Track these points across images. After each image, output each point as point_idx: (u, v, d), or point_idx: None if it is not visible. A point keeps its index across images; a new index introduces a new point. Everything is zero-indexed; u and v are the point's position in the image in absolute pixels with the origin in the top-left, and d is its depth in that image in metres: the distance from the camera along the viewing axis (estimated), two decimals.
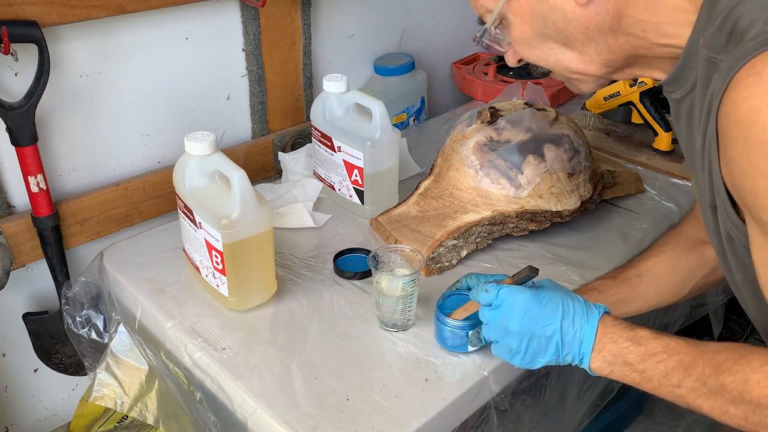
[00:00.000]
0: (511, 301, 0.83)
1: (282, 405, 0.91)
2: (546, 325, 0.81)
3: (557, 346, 0.82)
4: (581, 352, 0.81)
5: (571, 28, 0.74)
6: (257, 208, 1.00)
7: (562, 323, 0.81)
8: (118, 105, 1.28)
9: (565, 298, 0.83)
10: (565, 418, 1.26)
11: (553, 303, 0.82)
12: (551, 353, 0.82)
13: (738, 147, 0.62)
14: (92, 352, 1.23)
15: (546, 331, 0.82)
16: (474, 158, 1.22)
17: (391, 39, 1.74)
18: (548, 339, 0.82)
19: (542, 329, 0.82)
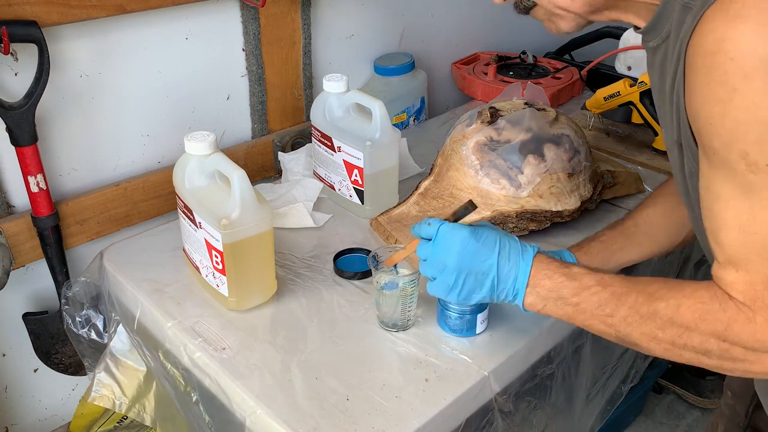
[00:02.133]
0: (450, 236, 0.85)
1: (282, 405, 0.91)
2: (483, 260, 0.83)
3: (493, 282, 0.84)
4: (515, 288, 0.83)
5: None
6: (257, 208, 1.00)
7: (499, 260, 0.83)
8: (118, 105, 1.28)
9: (501, 237, 0.85)
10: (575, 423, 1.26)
11: (490, 240, 0.84)
12: (487, 289, 0.84)
13: (700, 76, 0.64)
14: (92, 352, 1.23)
15: (483, 267, 0.83)
16: (474, 158, 1.22)
17: (391, 39, 1.74)
18: (485, 275, 0.84)
19: (479, 265, 0.83)
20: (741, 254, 0.67)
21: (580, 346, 1.16)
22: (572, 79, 1.86)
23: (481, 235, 0.85)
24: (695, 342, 0.71)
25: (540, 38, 2.12)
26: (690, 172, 0.75)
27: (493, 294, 0.85)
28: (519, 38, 2.08)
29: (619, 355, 1.32)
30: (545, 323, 1.06)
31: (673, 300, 0.72)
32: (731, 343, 0.69)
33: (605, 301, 0.77)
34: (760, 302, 0.67)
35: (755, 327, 0.67)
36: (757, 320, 0.67)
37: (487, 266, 0.83)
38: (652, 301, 0.73)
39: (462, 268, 0.84)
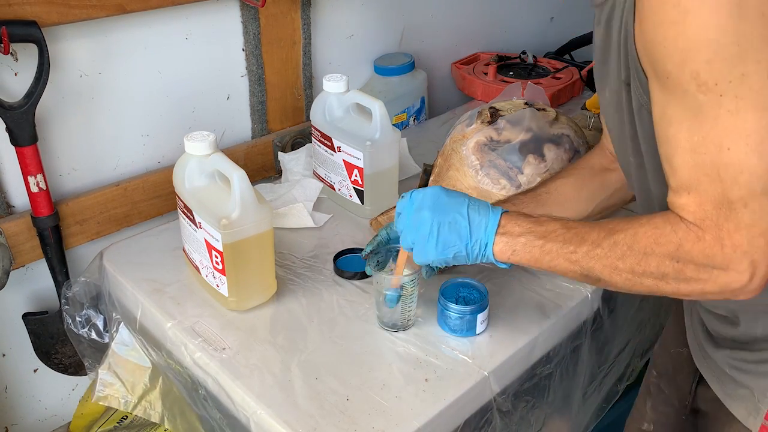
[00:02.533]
0: (422, 194, 0.89)
1: (282, 405, 0.91)
2: (455, 210, 0.86)
3: (466, 231, 0.86)
4: (486, 237, 0.85)
5: None
6: (257, 208, 1.00)
7: (469, 210, 0.86)
8: (118, 105, 1.28)
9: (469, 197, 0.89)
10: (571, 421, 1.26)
11: (459, 195, 0.89)
12: (460, 238, 0.86)
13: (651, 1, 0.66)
14: (92, 352, 1.23)
15: (456, 216, 0.86)
16: (474, 158, 1.22)
17: (391, 39, 1.74)
18: (458, 223, 0.86)
19: (452, 214, 0.86)
20: (692, 176, 0.69)
21: (578, 345, 1.16)
22: (572, 79, 1.86)
23: (451, 191, 0.89)
24: (652, 267, 0.74)
25: (540, 38, 2.13)
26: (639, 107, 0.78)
27: (468, 244, 0.86)
28: (519, 38, 2.08)
29: (617, 353, 1.32)
30: (545, 323, 1.06)
31: (631, 229, 0.75)
32: (684, 262, 0.71)
33: (569, 239, 0.80)
34: (709, 221, 0.69)
35: (704, 244, 0.70)
36: (706, 238, 0.69)
37: (460, 215, 0.86)
38: (611, 234, 0.76)
39: (435, 217, 0.87)
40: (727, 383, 0.92)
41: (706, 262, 0.70)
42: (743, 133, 0.64)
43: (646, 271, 0.74)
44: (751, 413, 0.87)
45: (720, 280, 0.71)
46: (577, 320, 1.13)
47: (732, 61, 0.63)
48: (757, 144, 0.64)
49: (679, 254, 0.72)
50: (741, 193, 0.66)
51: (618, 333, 1.28)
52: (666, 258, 0.73)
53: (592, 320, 1.16)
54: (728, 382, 0.91)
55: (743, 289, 0.70)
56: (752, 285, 0.70)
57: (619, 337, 1.29)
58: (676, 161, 0.70)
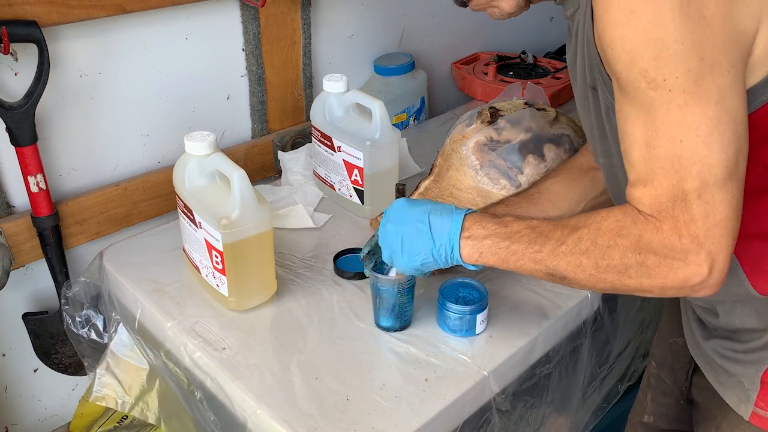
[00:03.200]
0: (389, 210, 0.93)
1: (282, 405, 0.91)
2: (416, 218, 0.89)
3: (429, 238, 0.88)
4: (450, 241, 0.86)
5: None
6: (257, 208, 1.00)
7: (430, 217, 0.88)
8: (118, 105, 1.28)
9: (433, 202, 0.92)
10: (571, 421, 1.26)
11: (423, 203, 0.91)
12: (424, 245, 0.88)
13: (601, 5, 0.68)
14: (92, 352, 1.23)
15: (417, 224, 0.89)
16: (474, 158, 1.22)
17: (391, 39, 1.74)
18: (419, 232, 0.88)
19: (413, 224, 0.89)
20: (647, 170, 0.71)
21: (578, 345, 1.16)
22: None
23: (415, 201, 0.92)
24: (616, 260, 0.74)
25: (540, 38, 2.13)
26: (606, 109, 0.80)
27: (434, 249, 0.88)
28: (519, 38, 2.08)
29: (617, 354, 1.32)
30: (544, 324, 1.06)
31: (594, 224, 0.76)
32: (645, 252, 0.73)
33: (534, 239, 0.81)
34: (665, 213, 0.70)
35: (663, 235, 0.71)
36: (663, 228, 0.71)
37: (420, 222, 0.88)
38: (575, 230, 0.78)
39: (398, 228, 0.90)
40: (719, 372, 0.93)
41: (666, 253, 0.71)
42: (693, 125, 0.66)
43: (609, 264, 0.75)
44: (742, 401, 0.89)
45: (680, 272, 0.71)
46: (576, 320, 1.13)
47: (677, 57, 0.65)
48: (707, 135, 0.66)
49: (640, 245, 0.72)
50: (695, 185, 0.68)
51: (619, 333, 1.28)
52: (628, 250, 0.73)
53: (593, 320, 1.16)
54: (720, 371, 0.93)
55: (703, 284, 0.71)
56: (712, 279, 0.71)
57: (620, 337, 1.29)
58: (633, 155, 0.72)
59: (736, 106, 0.67)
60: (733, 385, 0.90)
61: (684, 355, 1.08)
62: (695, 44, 0.65)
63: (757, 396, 0.86)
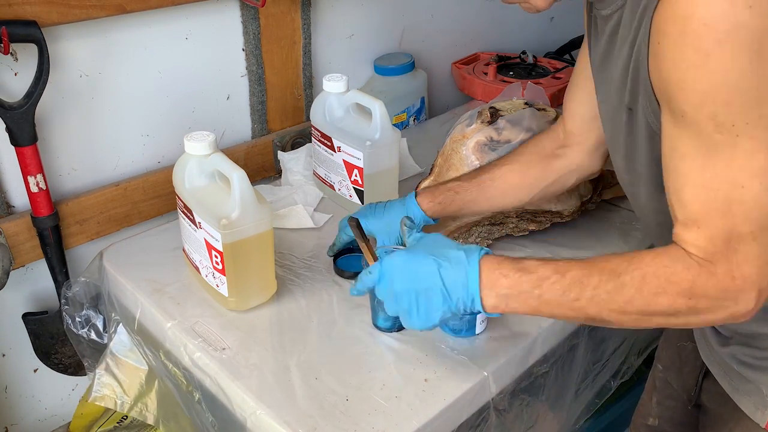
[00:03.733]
0: (389, 268, 0.85)
1: (282, 405, 0.91)
2: (425, 276, 0.82)
3: (444, 295, 0.81)
4: (469, 294, 0.81)
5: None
6: (257, 208, 1.00)
7: (440, 271, 0.81)
8: (117, 105, 1.28)
9: (438, 249, 0.84)
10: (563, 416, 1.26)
11: (427, 256, 0.83)
12: (441, 303, 0.82)
13: (670, 41, 0.66)
14: (92, 352, 1.23)
15: (427, 281, 0.82)
16: (474, 158, 1.22)
17: (391, 39, 1.74)
18: (432, 290, 0.82)
19: (424, 282, 0.82)
20: (703, 211, 0.69)
21: (575, 344, 1.16)
22: None
23: (417, 254, 0.85)
24: (664, 306, 0.73)
25: (540, 38, 2.12)
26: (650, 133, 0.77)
27: (451, 305, 0.82)
28: (519, 38, 2.08)
29: (612, 351, 1.32)
30: (544, 324, 1.06)
31: (637, 271, 0.73)
32: (697, 297, 0.71)
33: (568, 286, 0.76)
34: (719, 255, 0.69)
35: (717, 279, 0.70)
36: (718, 272, 0.70)
37: (432, 281, 0.82)
38: (616, 277, 0.74)
39: (409, 290, 0.83)
40: (734, 378, 0.92)
41: (719, 295, 0.71)
42: (758, 172, 0.66)
43: (657, 310, 0.74)
44: (758, 408, 0.88)
45: (730, 310, 0.72)
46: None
47: (750, 103, 0.64)
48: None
49: (693, 291, 0.71)
50: (751, 228, 0.67)
51: (614, 332, 1.28)
52: (679, 296, 0.72)
53: None
54: (736, 377, 0.92)
55: (747, 314, 0.72)
56: (754, 310, 0.72)
57: (616, 335, 1.29)
58: (686, 195, 0.70)
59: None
60: (749, 391, 0.89)
61: (694, 360, 1.07)
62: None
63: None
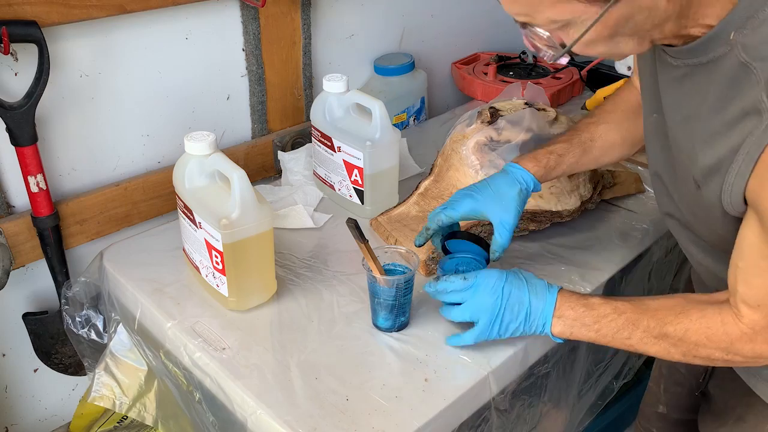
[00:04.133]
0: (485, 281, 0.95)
1: (282, 405, 0.91)
2: (517, 298, 0.94)
3: (527, 314, 0.94)
4: (544, 318, 0.93)
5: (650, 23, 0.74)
6: (257, 208, 1.00)
7: (530, 297, 0.94)
8: (118, 105, 1.28)
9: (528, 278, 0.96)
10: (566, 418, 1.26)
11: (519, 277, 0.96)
12: (523, 321, 0.94)
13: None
14: (92, 352, 1.23)
15: (518, 302, 0.94)
16: (474, 158, 1.22)
17: (391, 39, 1.74)
18: (519, 310, 0.94)
19: (515, 302, 0.94)
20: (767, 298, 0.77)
21: (576, 345, 1.16)
22: (572, 79, 1.86)
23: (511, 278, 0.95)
24: (702, 355, 0.84)
25: None
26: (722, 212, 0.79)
27: (525, 326, 0.94)
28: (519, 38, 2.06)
29: (613, 352, 1.32)
30: None
31: (681, 325, 0.83)
32: (734, 354, 0.82)
33: (621, 326, 0.88)
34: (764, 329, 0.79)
35: (755, 345, 0.80)
36: (757, 340, 0.80)
37: (521, 302, 0.94)
38: (662, 326, 0.85)
39: (501, 306, 0.94)
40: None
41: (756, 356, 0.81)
42: None
43: (697, 356, 0.85)
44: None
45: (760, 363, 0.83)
46: None
47: None
48: None
49: (730, 349, 0.81)
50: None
51: None
52: (716, 350, 0.82)
53: None
54: None
55: None
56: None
57: None
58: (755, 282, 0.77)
59: None
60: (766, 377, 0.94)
61: None
62: None
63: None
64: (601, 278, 1.16)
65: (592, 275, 1.16)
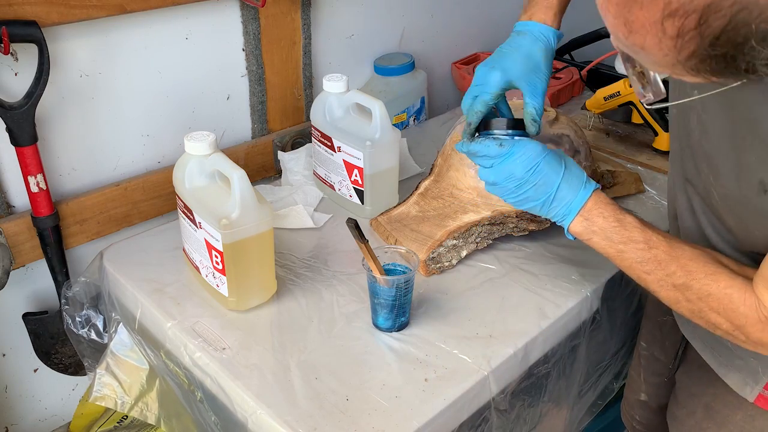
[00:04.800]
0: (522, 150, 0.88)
1: (282, 405, 0.91)
2: (547, 180, 0.88)
3: (549, 198, 0.88)
4: (568, 211, 0.88)
5: None
6: (257, 208, 1.00)
7: (561, 182, 0.88)
8: (118, 105, 1.28)
9: (567, 162, 0.90)
10: (566, 418, 1.26)
11: (558, 158, 0.89)
12: (541, 202, 0.89)
13: None
14: (92, 352, 1.23)
15: (545, 185, 0.88)
16: None
17: (391, 39, 1.74)
18: (544, 191, 0.88)
19: (542, 181, 0.88)
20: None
21: (576, 345, 1.16)
22: (572, 79, 1.86)
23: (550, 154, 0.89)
24: (712, 319, 0.80)
25: None
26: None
27: (545, 208, 0.89)
28: None
29: (614, 352, 1.32)
30: (544, 323, 1.06)
31: (706, 288, 0.79)
32: (741, 332, 0.78)
33: (647, 259, 0.83)
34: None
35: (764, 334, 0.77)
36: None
37: (549, 183, 0.88)
38: (688, 279, 0.80)
39: (527, 179, 0.88)
40: (721, 352, 0.94)
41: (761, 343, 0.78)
42: None
43: (704, 318, 0.80)
44: (747, 383, 0.90)
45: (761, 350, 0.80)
46: (576, 320, 1.13)
47: None
48: None
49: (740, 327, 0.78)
50: None
51: (615, 332, 1.28)
52: (728, 322, 0.79)
53: (591, 320, 1.16)
54: (723, 351, 0.93)
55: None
56: None
57: (617, 336, 1.30)
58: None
59: None
60: (738, 367, 0.91)
61: (674, 334, 1.09)
62: None
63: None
64: (601, 278, 1.16)
65: (592, 275, 1.16)
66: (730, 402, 0.94)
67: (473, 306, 1.08)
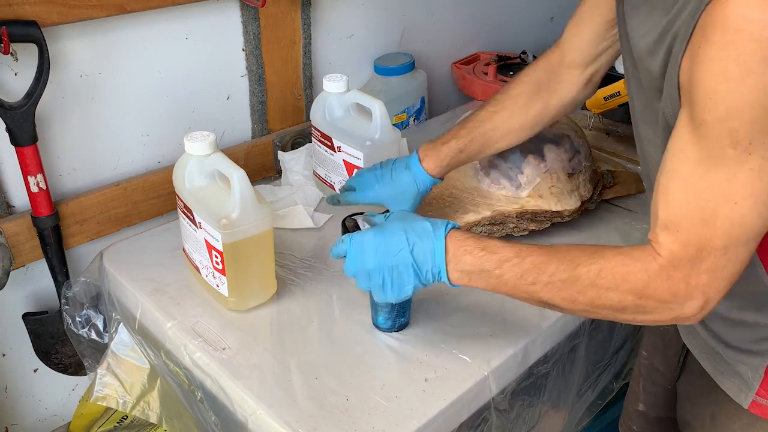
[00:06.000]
0: (359, 244, 0.89)
1: (282, 405, 0.91)
2: (397, 252, 0.86)
3: (415, 269, 0.86)
4: (437, 266, 0.85)
5: None
6: (257, 208, 1.00)
7: (410, 245, 0.86)
8: (117, 105, 1.28)
9: (407, 225, 0.88)
10: (565, 418, 1.26)
11: (397, 233, 0.87)
12: (413, 277, 0.87)
13: (714, 49, 0.63)
14: (92, 352, 1.23)
15: (399, 258, 0.86)
16: None
17: (391, 39, 1.74)
18: (405, 265, 0.86)
19: (395, 257, 0.86)
20: (687, 217, 0.69)
21: (576, 345, 1.16)
22: None
23: (386, 231, 0.88)
24: (614, 301, 0.75)
25: (540, 38, 2.12)
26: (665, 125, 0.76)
27: (421, 277, 0.86)
28: (519, 38, 2.08)
29: (613, 352, 1.32)
30: (544, 324, 1.06)
31: (594, 265, 0.75)
32: (647, 298, 0.73)
33: (526, 271, 0.80)
34: (685, 262, 0.70)
35: (671, 282, 0.71)
36: (675, 277, 0.71)
37: (403, 256, 0.86)
38: (573, 268, 0.76)
39: (382, 266, 0.87)
40: (717, 360, 0.93)
41: (669, 299, 0.72)
42: (756, 191, 0.65)
43: (606, 304, 0.76)
44: (742, 390, 0.89)
45: (674, 312, 0.73)
46: (576, 320, 1.13)
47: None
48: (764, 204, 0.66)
49: (645, 291, 0.73)
50: (726, 243, 0.68)
51: (615, 332, 1.29)
52: (629, 293, 0.74)
53: (590, 320, 1.16)
54: (718, 359, 0.93)
55: (692, 318, 0.73)
56: (700, 315, 0.73)
57: (617, 336, 1.30)
58: (676, 197, 0.70)
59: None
60: (732, 374, 0.90)
61: (676, 342, 1.09)
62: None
63: (760, 385, 0.87)
64: None
65: None
66: (728, 411, 0.93)
67: (473, 306, 1.08)
